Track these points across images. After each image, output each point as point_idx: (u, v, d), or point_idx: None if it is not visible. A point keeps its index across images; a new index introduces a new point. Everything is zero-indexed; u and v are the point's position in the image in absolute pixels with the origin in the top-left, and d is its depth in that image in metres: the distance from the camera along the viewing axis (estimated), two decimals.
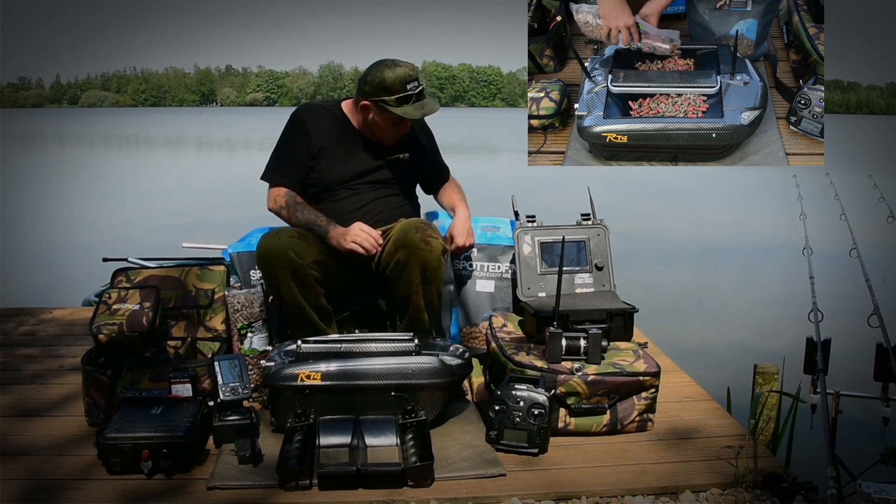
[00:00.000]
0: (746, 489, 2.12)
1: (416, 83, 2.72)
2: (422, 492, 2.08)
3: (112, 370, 2.45)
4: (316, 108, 2.93)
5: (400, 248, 2.65)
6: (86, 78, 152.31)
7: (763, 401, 2.80)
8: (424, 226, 2.70)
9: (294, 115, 2.90)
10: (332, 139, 2.84)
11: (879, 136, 41.04)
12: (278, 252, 2.60)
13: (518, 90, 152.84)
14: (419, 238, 2.63)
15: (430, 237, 2.65)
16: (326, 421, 2.21)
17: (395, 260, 2.66)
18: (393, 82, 2.71)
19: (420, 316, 2.73)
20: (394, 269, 2.68)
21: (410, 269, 2.64)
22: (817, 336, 2.31)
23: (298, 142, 2.84)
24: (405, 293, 2.70)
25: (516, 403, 2.29)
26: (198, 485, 2.11)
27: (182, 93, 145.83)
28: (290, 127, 2.88)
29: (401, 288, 2.70)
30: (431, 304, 2.74)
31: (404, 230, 2.68)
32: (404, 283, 2.68)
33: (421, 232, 2.65)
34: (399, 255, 2.65)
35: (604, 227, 2.96)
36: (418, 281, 2.66)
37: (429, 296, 2.71)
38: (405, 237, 2.65)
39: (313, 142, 2.82)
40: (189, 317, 2.74)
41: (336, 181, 2.83)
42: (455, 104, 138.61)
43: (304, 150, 2.83)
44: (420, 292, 2.68)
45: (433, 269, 2.67)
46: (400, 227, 2.72)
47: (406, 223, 2.72)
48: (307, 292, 2.65)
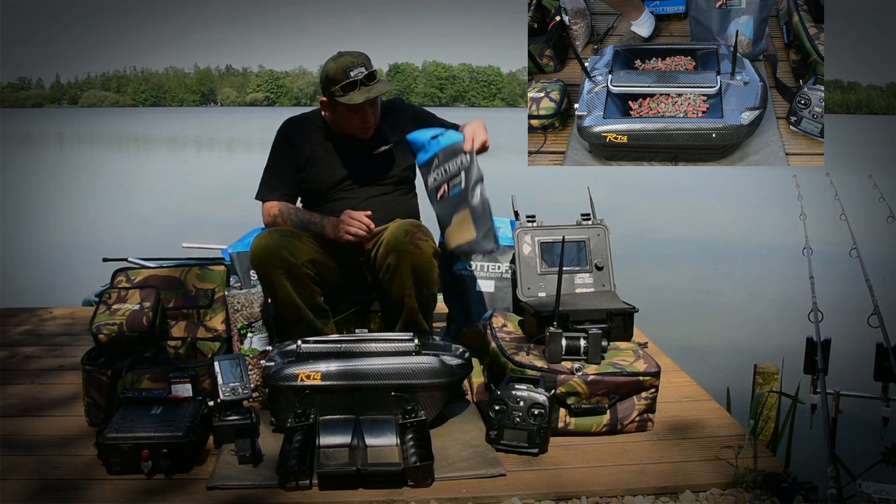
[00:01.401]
0: (746, 489, 2.12)
1: (360, 69, 2.69)
2: (422, 492, 2.08)
3: (112, 370, 2.44)
4: (297, 120, 2.95)
5: (391, 251, 2.65)
6: (86, 78, 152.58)
7: (763, 401, 2.81)
8: (414, 228, 2.68)
9: (278, 132, 2.92)
10: (317, 146, 2.86)
11: (879, 136, 41.05)
12: (272, 251, 2.60)
13: (518, 90, 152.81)
14: (409, 241, 2.63)
15: (419, 240, 2.64)
16: (326, 421, 2.21)
17: (387, 264, 2.66)
18: (336, 72, 2.70)
19: (415, 318, 2.73)
20: (386, 273, 2.69)
21: (402, 272, 2.64)
22: (817, 336, 2.31)
23: (285, 156, 2.87)
24: (399, 296, 2.70)
25: (516, 403, 2.29)
26: (198, 485, 2.11)
27: (182, 93, 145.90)
28: (276, 143, 2.91)
29: (394, 291, 2.70)
30: (426, 305, 2.74)
31: (394, 233, 2.67)
32: (397, 286, 2.68)
33: (411, 235, 2.64)
34: (390, 259, 2.65)
35: (604, 227, 2.96)
36: (411, 284, 2.66)
37: (423, 298, 2.70)
38: (395, 240, 2.64)
39: (299, 153, 2.85)
40: (189, 317, 2.74)
41: (327, 186, 2.85)
42: (455, 104, 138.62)
43: (292, 164, 2.86)
44: (413, 295, 2.68)
45: (424, 272, 2.66)
46: (390, 230, 2.71)
47: (396, 226, 2.71)
48: (302, 291, 2.65)
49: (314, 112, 2.95)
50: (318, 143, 2.86)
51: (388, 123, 2.88)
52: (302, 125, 2.92)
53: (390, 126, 2.88)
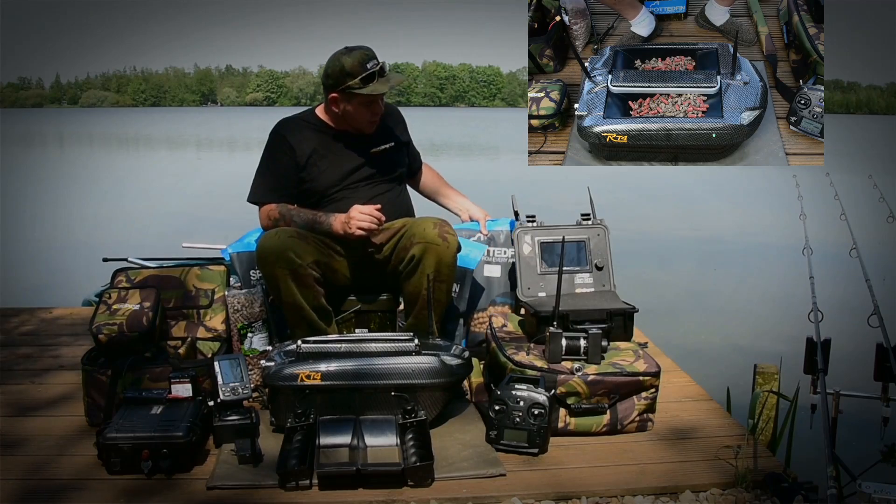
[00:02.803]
0: (746, 489, 2.12)
1: (374, 61, 2.72)
2: (422, 492, 2.08)
3: (112, 370, 2.45)
4: (293, 120, 2.93)
5: (417, 242, 2.65)
6: (86, 78, 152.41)
7: (762, 401, 2.81)
8: (441, 222, 2.70)
9: (273, 132, 2.89)
10: (317, 145, 2.84)
11: (879, 136, 41.02)
12: (277, 252, 2.60)
13: (518, 90, 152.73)
14: (437, 234, 2.64)
15: (448, 234, 2.66)
16: (326, 421, 2.21)
17: (411, 255, 2.66)
18: (353, 66, 2.71)
19: (427, 314, 2.70)
20: (408, 265, 2.68)
21: (426, 264, 2.64)
22: (817, 336, 2.31)
23: (283, 157, 2.83)
24: (416, 290, 2.69)
25: (516, 403, 2.29)
26: (198, 485, 2.11)
27: (182, 93, 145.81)
28: (272, 144, 2.87)
29: (412, 284, 2.69)
30: (441, 301, 2.73)
31: (422, 226, 2.68)
32: (417, 279, 2.67)
33: (439, 228, 2.66)
34: (415, 251, 2.64)
35: (604, 227, 2.96)
36: (433, 277, 2.65)
37: (439, 293, 2.70)
38: (423, 232, 2.65)
39: (298, 153, 2.82)
40: (189, 317, 2.74)
41: (330, 184, 2.83)
42: (455, 104, 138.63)
43: (292, 164, 2.82)
44: (432, 287, 2.67)
45: (448, 266, 2.67)
46: (416, 222, 2.72)
47: (422, 219, 2.73)
48: (307, 292, 2.65)
49: (307, 112, 2.94)
50: (318, 143, 2.85)
51: (383, 123, 2.91)
52: (299, 125, 2.90)
53: (384, 125, 2.91)
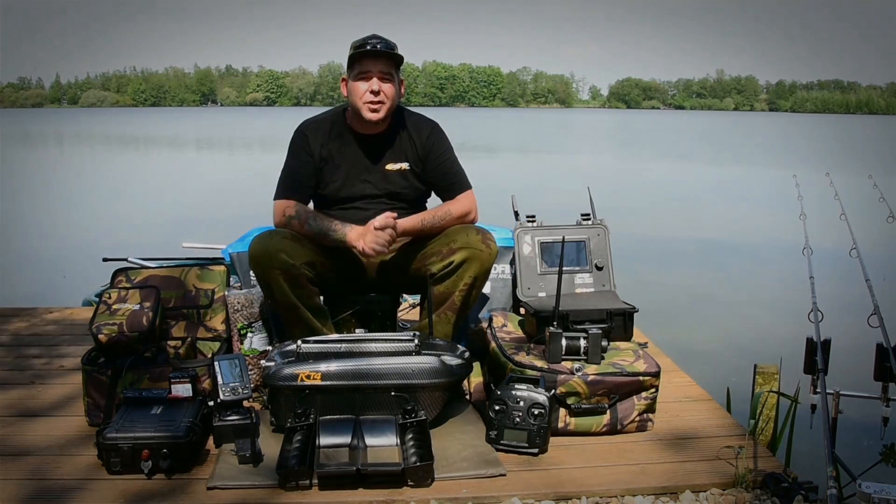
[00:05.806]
0: (746, 489, 2.12)
1: (378, 41, 2.75)
2: (422, 492, 2.08)
3: (112, 370, 2.45)
4: (315, 120, 2.92)
5: (460, 248, 2.64)
6: (86, 78, 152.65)
7: (763, 401, 2.80)
8: (482, 229, 2.71)
9: (296, 131, 2.90)
10: (334, 152, 2.83)
11: (879, 136, 41.04)
12: (270, 253, 2.59)
13: (518, 90, 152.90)
14: (480, 240, 2.65)
15: (489, 240, 2.66)
16: (326, 421, 2.21)
17: (450, 260, 2.65)
18: (355, 46, 2.77)
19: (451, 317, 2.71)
20: (445, 268, 2.66)
21: (466, 269, 2.64)
22: (817, 336, 2.31)
23: (302, 156, 2.83)
24: (448, 291, 2.67)
25: (516, 403, 2.29)
26: (198, 485, 2.11)
27: (182, 93, 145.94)
28: (293, 143, 2.88)
29: (445, 286, 2.68)
30: (467, 307, 2.73)
31: (465, 232, 2.68)
32: (452, 282, 2.66)
33: (482, 234, 2.66)
34: (458, 256, 2.64)
35: (604, 227, 2.96)
36: (470, 283, 2.65)
37: (469, 299, 2.70)
38: (467, 238, 2.65)
39: (316, 154, 2.82)
40: (189, 317, 2.74)
41: (339, 198, 2.82)
42: (455, 104, 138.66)
43: (309, 164, 2.82)
44: (464, 293, 2.66)
45: (485, 272, 2.68)
46: (457, 229, 2.71)
47: (463, 226, 2.74)
48: (301, 292, 2.63)
49: (337, 110, 2.93)
50: (336, 149, 2.83)
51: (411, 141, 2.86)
52: (320, 125, 2.89)
53: (411, 144, 2.86)
